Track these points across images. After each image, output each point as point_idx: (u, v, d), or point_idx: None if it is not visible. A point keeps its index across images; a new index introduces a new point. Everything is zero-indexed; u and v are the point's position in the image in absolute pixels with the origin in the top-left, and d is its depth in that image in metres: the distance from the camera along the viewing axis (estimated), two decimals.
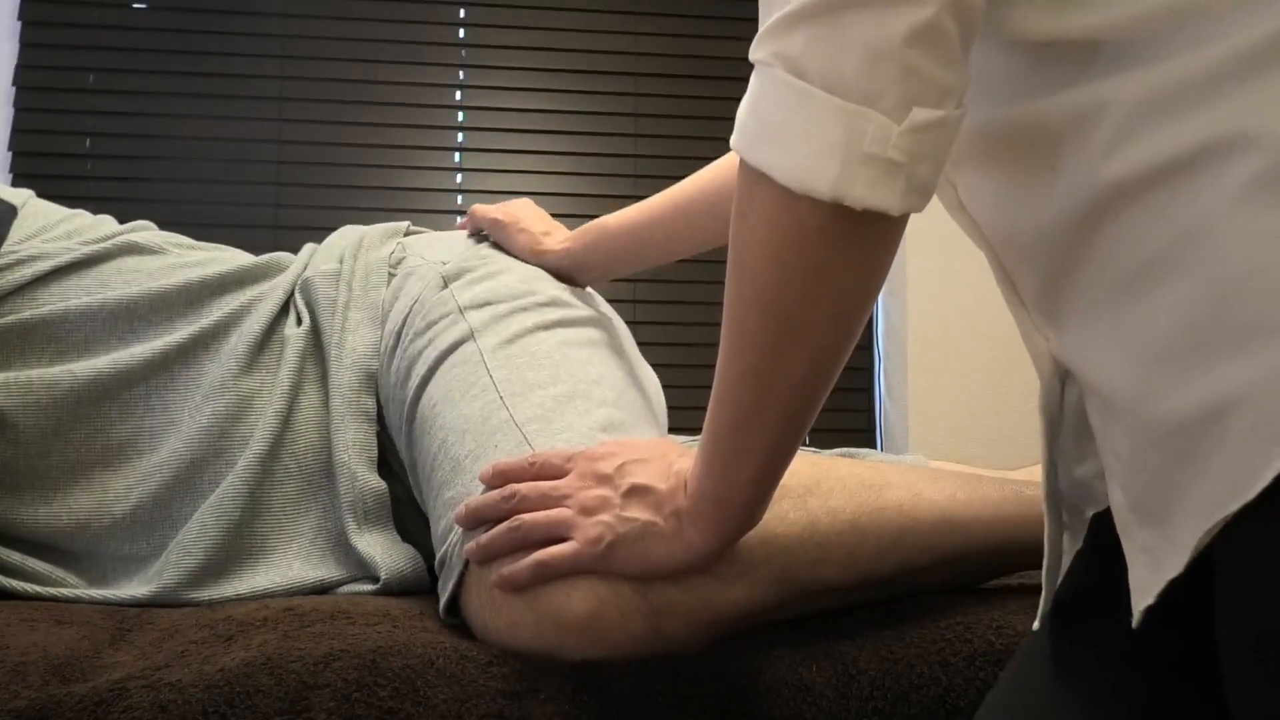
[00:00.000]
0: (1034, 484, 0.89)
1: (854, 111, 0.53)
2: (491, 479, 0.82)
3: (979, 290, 2.56)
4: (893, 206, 0.55)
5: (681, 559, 0.74)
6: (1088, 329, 0.54)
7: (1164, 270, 0.49)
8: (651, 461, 0.77)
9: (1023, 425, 2.50)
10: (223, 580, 0.97)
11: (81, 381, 1.02)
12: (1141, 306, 0.50)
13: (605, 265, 1.12)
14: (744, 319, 0.62)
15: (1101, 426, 0.55)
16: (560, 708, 0.72)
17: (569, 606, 0.75)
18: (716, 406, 0.67)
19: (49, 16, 2.49)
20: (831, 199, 0.54)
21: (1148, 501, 0.51)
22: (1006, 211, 0.59)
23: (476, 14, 2.63)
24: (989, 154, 0.59)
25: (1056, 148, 0.54)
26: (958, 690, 0.75)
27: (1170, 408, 0.48)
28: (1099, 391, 0.54)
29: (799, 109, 0.54)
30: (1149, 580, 0.50)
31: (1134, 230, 0.50)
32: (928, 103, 0.53)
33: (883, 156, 0.53)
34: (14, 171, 2.45)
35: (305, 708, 0.70)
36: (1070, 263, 0.55)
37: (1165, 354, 0.49)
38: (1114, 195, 0.51)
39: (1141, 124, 0.50)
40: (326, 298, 1.07)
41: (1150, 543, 0.51)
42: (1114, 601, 0.56)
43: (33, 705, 0.69)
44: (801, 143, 0.54)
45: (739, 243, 0.60)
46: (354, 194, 2.54)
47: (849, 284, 0.60)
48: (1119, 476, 0.54)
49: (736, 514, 0.71)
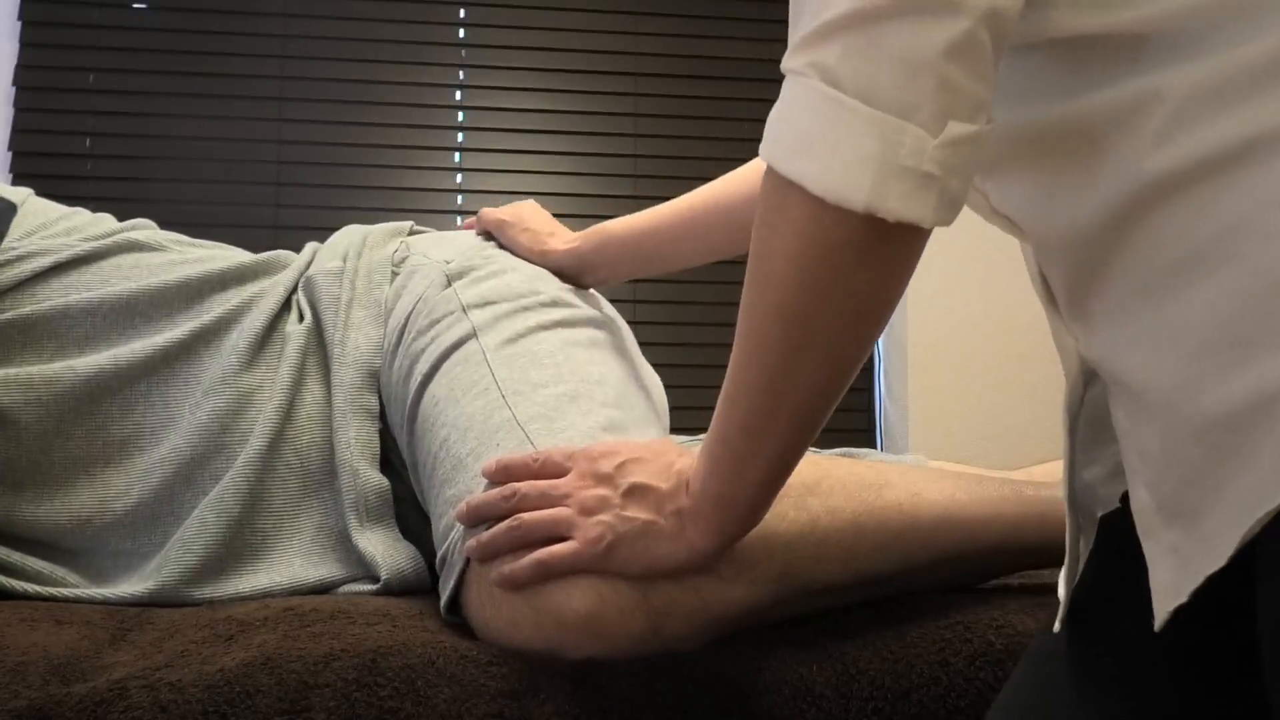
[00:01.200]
0: (1034, 484, 0.89)
1: (890, 123, 0.53)
2: (495, 474, 0.82)
3: (979, 291, 2.56)
4: (925, 219, 0.55)
5: (682, 558, 0.74)
6: (1122, 325, 0.54)
7: (1209, 263, 0.48)
8: (651, 461, 0.77)
9: (1022, 425, 2.50)
10: (223, 578, 0.97)
11: (82, 378, 1.02)
12: (1183, 300, 0.49)
13: (610, 267, 1.11)
14: (764, 327, 0.62)
15: (1129, 426, 0.55)
16: (560, 707, 0.72)
17: (569, 605, 0.75)
18: (728, 408, 0.67)
19: (49, 16, 2.49)
20: (865, 210, 0.54)
21: (1179, 500, 0.50)
22: (1038, 212, 0.59)
23: (476, 14, 2.63)
24: (1021, 158, 0.59)
25: (1098, 144, 0.53)
26: (958, 690, 0.75)
27: (1214, 401, 0.47)
28: (1131, 388, 0.54)
29: (834, 119, 0.54)
30: (1178, 580, 0.49)
31: (1176, 224, 0.50)
32: (962, 116, 0.53)
33: (919, 169, 0.53)
34: (14, 171, 2.45)
35: (305, 708, 0.70)
36: (1104, 260, 0.54)
37: (1209, 347, 0.48)
38: (1157, 190, 0.50)
39: (1194, 114, 0.49)
40: (329, 295, 1.07)
41: (1179, 542, 0.50)
42: (1126, 602, 0.55)
43: (33, 705, 0.69)
44: (835, 153, 0.54)
45: (762, 251, 0.60)
46: (354, 194, 2.54)
47: (872, 295, 0.59)
48: (1144, 477, 0.53)
49: (740, 515, 0.71)
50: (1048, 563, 0.88)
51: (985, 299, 2.56)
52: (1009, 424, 2.51)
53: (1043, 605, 0.81)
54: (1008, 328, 2.54)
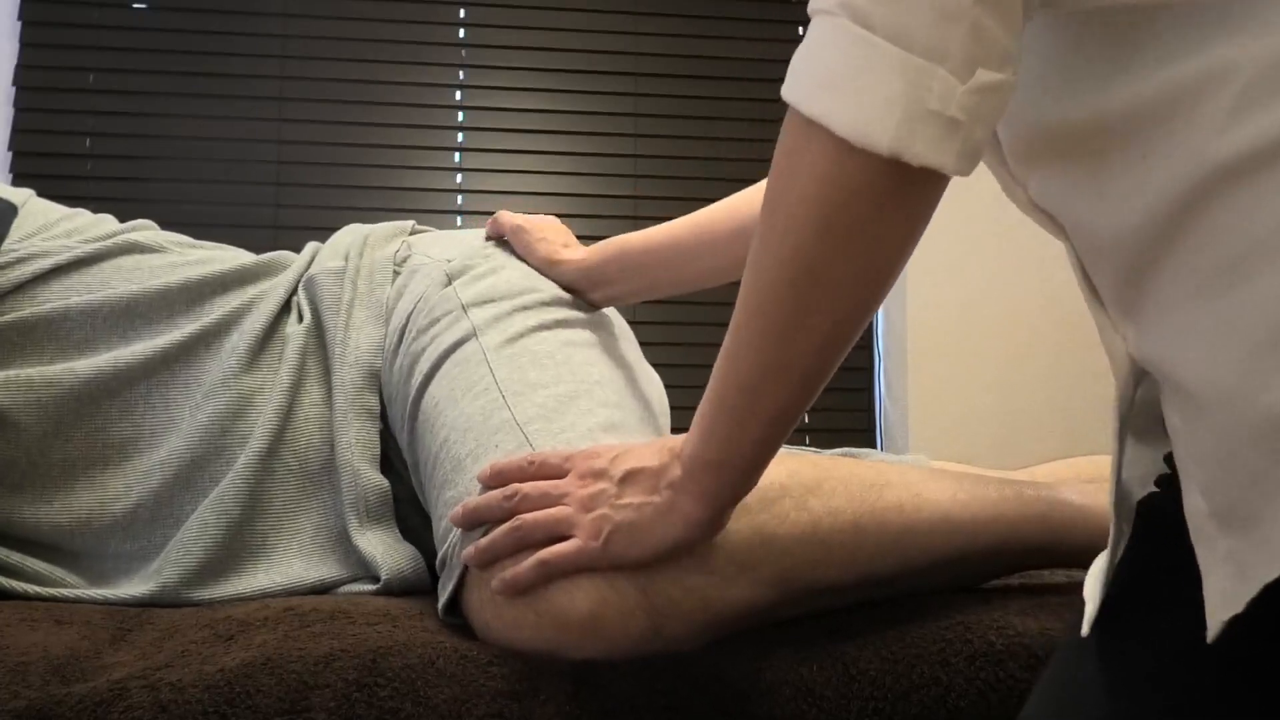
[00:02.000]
0: (1035, 484, 0.89)
1: (920, 66, 0.52)
2: (490, 479, 0.82)
3: (979, 290, 2.56)
4: (948, 165, 0.54)
5: (677, 533, 0.73)
6: (1176, 322, 0.52)
7: (1271, 255, 0.47)
8: (644, 447, 0.76)
9: (1023, 425, 2.50)
10: (222, 579, 0.97)
11: (82, 379, 1.02)
12: (1242, 294, 0.48)
13: (621, 283, 1.08)
14: (772, 275, 0.61)
15: (1183, 428, 0.53)
16: (560, 708, 0.72)
17: (570, 606, 0.75)
18: (728, 365, 0.66)
19: (49, 16, 2.49)
20: (889, 153, 0.53)
21: (1235, 505, 0.48)
22: (1086, 207, 0.58)
23: (476, 14, 2.63)
24: (1070, 152, 0.58)
25: (1158, 129, 0.52)
26: (958, 690, 0.75)
27: (1274, 401, 0.46)
28: (1185, 388, 0.52)
29: (863, 60, 0.53)
30: (1234, 589, 0.48)
31: (1239, 214, 0.48)
32: (991, 65, 0.53)
33: (945, 114, 0.53)
34: (14, 171, 2.45)
35: (305, 708, 0.70)
36: (1157, 254, 0.52)
37: (1269, 344, 0.46)
38: (1223, 177, 0.49)
39: (1265, 93, 0.47)
40: (331, 295, 1.07)
41: (1236, 549, 0.48)
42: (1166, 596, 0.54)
43: (33, 705, 0.69)
44: (862, 94, 0.53)
45: (778, 196, 0.59)
46: (354, 194, 2.54)
47: (886, 244, 0.59)
48: (1199, 480, 0.51)
49: (733, 480, 0.71)
50: (1049, 563, 0.88)
51: (986, 299, 2.56)
52: (1009, 424, 2.51)
53: (1044, 606, 0.81)
54: (1008, 328, 2.54)
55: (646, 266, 1.07)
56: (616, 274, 1.07)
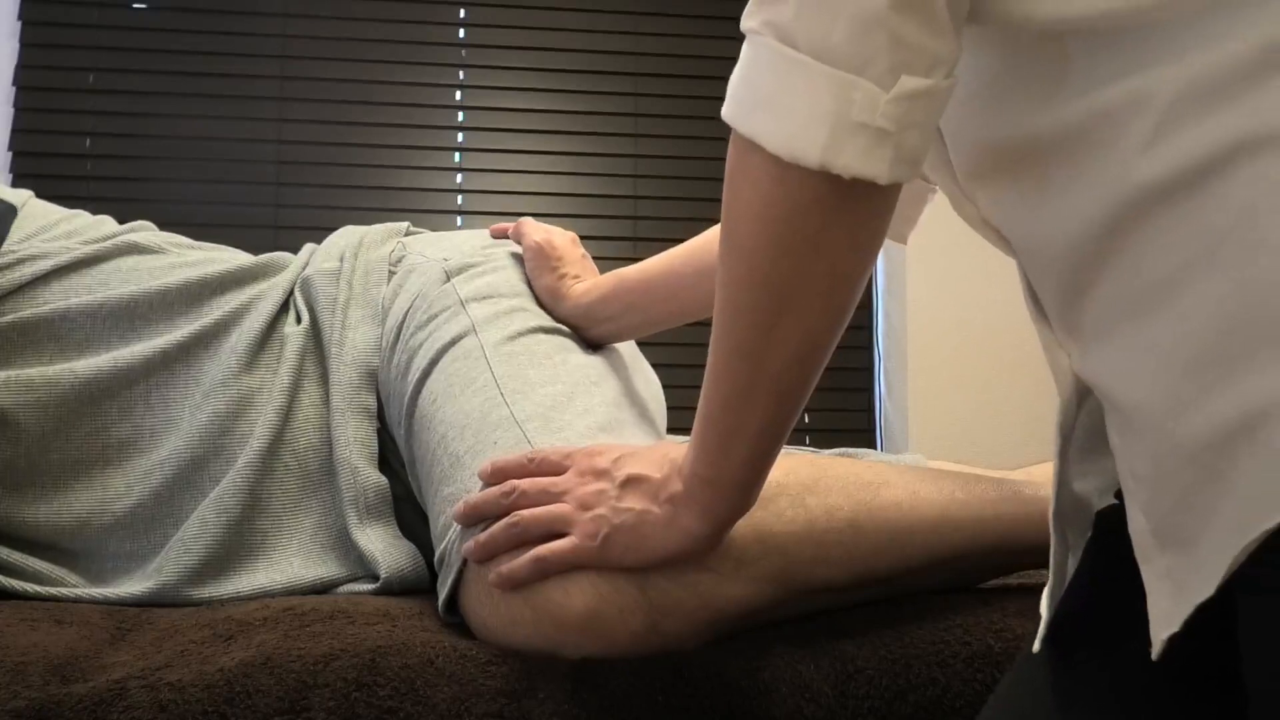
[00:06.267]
0: (1033, 484, 0.89)
1: (843, 79, 0.53)
2: (490, 476, 0.82)
3: (979, 291, 2.56)
4: (881, 175, 0.54)
5: (677, 545, 0.73)
6: (1110, 343, 0.52)
7: (1193, 276, 0.46)
8: (648, 454, 0.77)
9: (1022, 426, 2.50)
10: (223, 577, 0.97)
11: (82, 380, 1.02)
12: (1168, 315, 0.48)
13: (620, 320, 1.06)
14: (735, 294, 0.61)
15: (1122, 446, 0.53)
16: (560, 707, 0.72)
17: (568, 604, 0.75)
18: (710, 385, 0.67)
19: (49, 16, 2.49)
20: (819, 167, 0.54)
21: (1172, 525, 0.48)
22: (1027, 224, 0.58)
23: (476, 14, 2.63)
24: (1011, 169, 0.58)
25: (1087, 152, 0.52)
26: (956, 690, 0.75)
27: (1199, 421, 0.46)
28: (1121, 409, 0.52)
29: (789, 77, 0.54)
30: (1171, 608, 0.48)
31: (1164, 236, 0.48)
32: (917, 71, 0.53)
33: (871, 124, 0.53)
34: (14, 171, 2.45)
35: (305, 707, 0.70)
36: (1092, 274, 0.53)
37: (1194, 364, 0.46)
38: (1145, 200, 0.49)
39: (1182, 117, 0.48)
40: (327, 296, 1.08)
41: (1173, 568, 0.49)
42: (1117, 607, 0.54)
43: (33, 705, 0.69)
44: (791, 111, 0.54)
45: (730, 216, 0.60)
46: (354, 194, 2.54)
47: (840, 257, 0.59)
48: (1139, 499, 0.52)
49: (729, 496, 0.71)
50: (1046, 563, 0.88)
51: (985, 299, 2.56)
52: (1009, 424, 2.51)
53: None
54: (1008, 328, 2.54)
55: (642, 298, 1.05)
56: (613, 312, 1.06)
